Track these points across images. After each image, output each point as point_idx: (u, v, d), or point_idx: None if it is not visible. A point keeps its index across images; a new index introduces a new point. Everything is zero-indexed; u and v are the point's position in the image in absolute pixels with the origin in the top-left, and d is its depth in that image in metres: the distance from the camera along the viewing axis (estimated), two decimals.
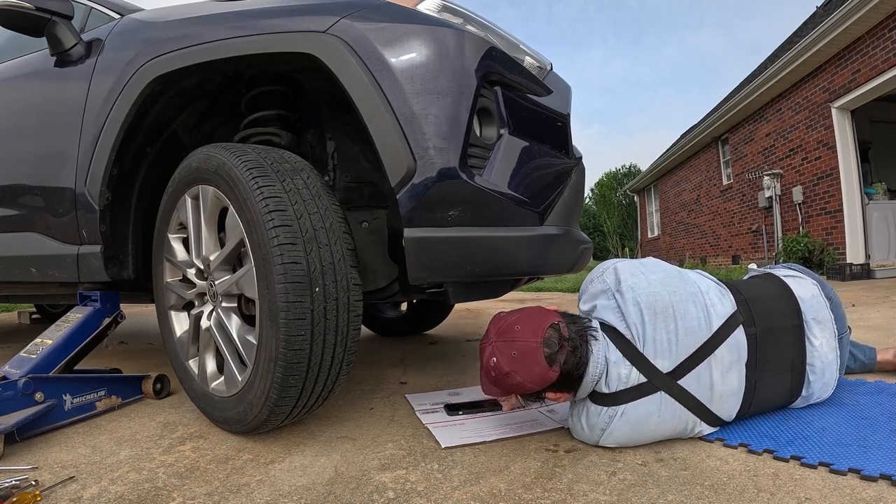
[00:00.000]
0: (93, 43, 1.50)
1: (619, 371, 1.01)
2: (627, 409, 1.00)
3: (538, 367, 0.99)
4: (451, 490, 0.89)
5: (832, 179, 6.38)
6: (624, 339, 1.03)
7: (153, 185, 1.51)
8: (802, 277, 1.27)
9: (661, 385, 1.01)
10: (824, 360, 1.17)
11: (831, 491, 0.84)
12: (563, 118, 1.42)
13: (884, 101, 6.07)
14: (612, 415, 1.01)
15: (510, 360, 1.00)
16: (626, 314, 1.04)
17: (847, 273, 5.72)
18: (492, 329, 1.07)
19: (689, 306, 1.06)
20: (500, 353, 1.01)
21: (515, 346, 1.00)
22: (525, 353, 0.99)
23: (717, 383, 1.04)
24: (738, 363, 1.07)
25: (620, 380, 1.01)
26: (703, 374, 1.03)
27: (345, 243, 1.08)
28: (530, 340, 1.00)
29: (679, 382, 1.02)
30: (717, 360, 1.04)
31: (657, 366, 1.01)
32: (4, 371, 1.29)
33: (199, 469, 1.00)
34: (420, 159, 1.06)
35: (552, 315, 1.05)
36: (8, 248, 1.63)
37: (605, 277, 1.12)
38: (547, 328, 1.01)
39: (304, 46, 1.12)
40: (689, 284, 1.11)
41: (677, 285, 1.09)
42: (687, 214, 12.24)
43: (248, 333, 1.11)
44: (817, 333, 1.17)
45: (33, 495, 0.87)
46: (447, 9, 1.23)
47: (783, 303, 1.18)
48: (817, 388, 1.18)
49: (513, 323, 1.04)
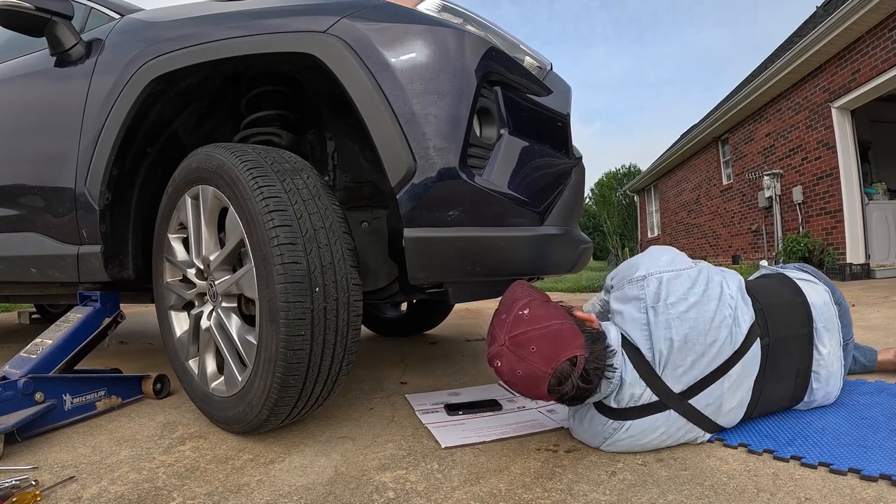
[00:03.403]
0: (93, 43, 1.50)
1: (633, 391, 0.98)
2: (634, 424, 0.99)
3: (538, 391, 0.93)
4: (451, 490, 0.89)
5: (832, 179, 6.38)
6: (643, 361, 0.99)
7: (153, 185, 1.51)
8: (816, 283, 1.23)
9: (671, 404, 0.99)
10: (830, 369, 1.15)
11: (831, 491, 0.84)
12: (563, 118, 1.42)
13: (884, 101, 6.07)
14: (617, 427, 1.00)
15: (512, 374, 0.92)
16: (653, 338, 0.99)
17: (847, 273, 5.72)
18: (508, 323, 0.94)
19: (720, 331, 1.00)
20: (506, 362, 0.93)
21: (523, 366, 0.91)
22: (530, 378, 0.91)
23: (726, 398, 1.03)
24: (748, 378, 1.05)
25: (632, 399, 0.98)
26: (715, 391, 1.01)
27: (345, 243, 1.08)
28: (539, 369, 0.90)
29: (690, 401, 1.00)
30: (730, 377, 1.02)
31: (671, 387, 0.99)
32: (4, 371, 1.29)
33: (199, 469, 1.00)
34: (420, 159, 1.06)
35: (575, 343, 0.92)
36: (8, 248, 1.63)
37: (646, 287, 1.02)
38: (563, 361, 0.90)
39: (304, 46, 1.12)
40: (725, 306, 1.02)
41: (715, 310, 1.01)
42: (687, 214, 12.24)
43: (248, 333, 1.11)
44: (826, 342, 1.15)
45: (33, 495, 0.87)
46: (447, 9, 1.23)
47: (796, 310, 1.15)
48: (819, 396, 1.17)
49: (530, 339, 0.91)
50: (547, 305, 0.98)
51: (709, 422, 1.04)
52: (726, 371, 1.01)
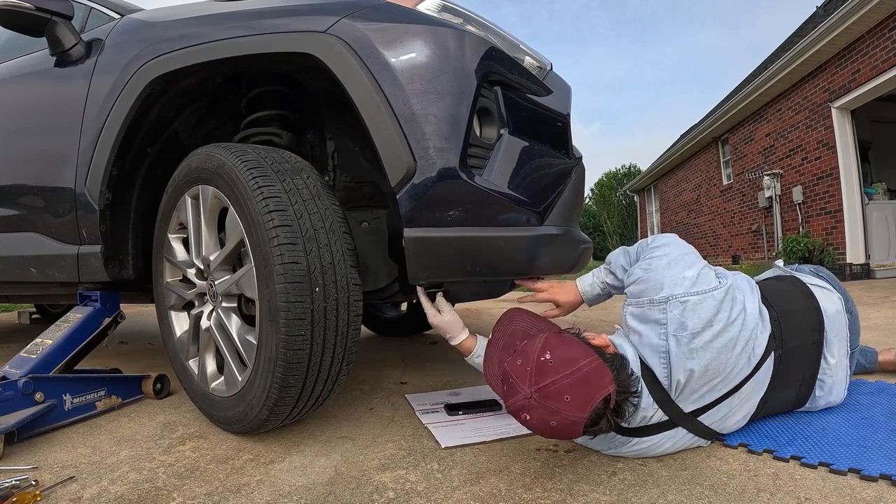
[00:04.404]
0: (93, 43, 1.50)
1: (646, 414, 0.96)
2: (641, 441, 0.98)
3: (572, 435, 0.87)
4: (451, 490, 0.89)
5: (832, 179, 6.38)
6: (659, 386, 0.96)
7: (153, 185, 1.51)
8: (830, 290, 1.20)
9: (681, 423, 0.98)
10: (835, 378, 1.15)
11: (831, 491, 0.84)
12: (563, 118, 1.42)
13: (884, 101, 6.06)
14: (625, 442, 0.98)
15: (545, 427, 0.85)
16: (672, 368, 0.94)
17: (847, 273, 5.72)
18: (531, 373, 0.86)
19: (741, 358, 0.96)
20: (536, 416, 0.85)
21: (556, 417, 0.83)
22: (564, 427, 0.84)
23: (734, 413, 1.02)
24: (758, 393, 1.05)
25: (644, 420, 0.97)
26: (724, 408, 1.00)
27: (345, 243, 1.08)
28: (575, 416, 0.83)
29: (699, 419, 1.00)
30: (741, 394, 1.00)
31: (683, 409, 0.98)
32: (4, 371, 1.29)
33: (199, 469, 1.00)
34: (420, 159, 1.05)
35: (606, 381, 0.86)
36: (8, 248, 1.63)
37: (668, 312, 0.94)
38: (598, 402, 0.84)
39: (304, 46, 1.12)
40: (747, 330, 0.97)
41: (737, 336, 0.95)
42: (687, 214, 12.23)
43: (248, 333, 1.11)
44: (835, 352, 1.13)
45: (33, 495, 0.87)
46: (447, 9, 1.23)
47: (808, 317, 1.12)
48: (822, 404, 1.17)
49: (561, 389, 0.84)
50: (564, 340, 0.91)
51: (713, 433, 1.04)
52: (738, 389, 1.00)
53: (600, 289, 1.22)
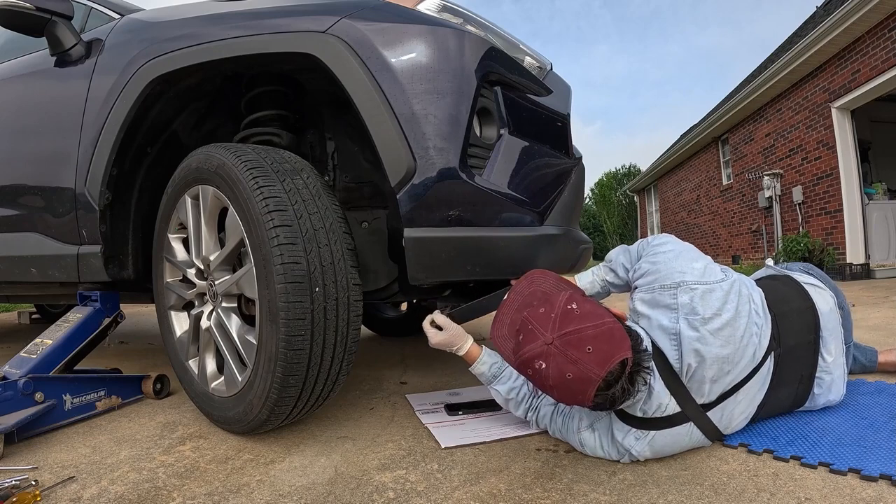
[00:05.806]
0: (93, 43, 1.50)
1: (661, 401, 0.95)
2: (657, 436, 0.97)
3: (582, 397, 0.86)
4: (451, 490, 0.89)
5: (832, 179, 6.38)
6: (670, 370, 0.96)
7: (153, 185, 1.51)
8: (822, 288, 1.21)
9: (692, 416, 0.98)
10: (833, 375, 1.15)
11: (831, 491, 0.84)
12: (562, 118, 1.42)
13: (884, 101, 6.06)
14: (640, 437, 0.97)
15: (560, 377, 0.84)
16: (683, 350, 0.94)
17: (847, 273, 5.72)
18: (555, 319, 0.86)
19: (747, 349, 0.98)
20: (554, 364, 0.84)
21: (574, 368, 0.83)
22: (580, 381, 0.84)
23: (737, 411, 1.03)
24: (761, 392, 1.06)
25: (660, 409, 0.96)
26: (729, 405, 1.01)
27: (345, 243, 1.08)
28: (593, 371, 0.83)
29: (707, 413, 1.00)
30: (745, 391, 1.02)
31: (695, 399, 0.98)
32: (4, 371, 1.29)
33: (199, 469, 1.00)
34: (420, 159, 1.06)
35: (626, 344, 0.87)
36: (8, 248, 1.63)
37: (679, 297, 0.96)
38: (617, 363, 0.84)
39: (304, 46, 1.12)
40: (752, 323, 0.99)
41: (745, 328, 0.97)
42: (687, 214, 12.23)
43: (248, 333, 1.11)
44: (831, 350, 1.14)
45: (33, 495, 0.87)
46: (447, 9, 1.23)
47: (804, 317, 1.13)
48: (821, 402, 1.17)
49: (584, 338, 0.84)
50: (588, 300, 0.93)
51: (717, 433, 1.04)
52: (743, 385, 1.01)
53: (600, 286, 1.22)
